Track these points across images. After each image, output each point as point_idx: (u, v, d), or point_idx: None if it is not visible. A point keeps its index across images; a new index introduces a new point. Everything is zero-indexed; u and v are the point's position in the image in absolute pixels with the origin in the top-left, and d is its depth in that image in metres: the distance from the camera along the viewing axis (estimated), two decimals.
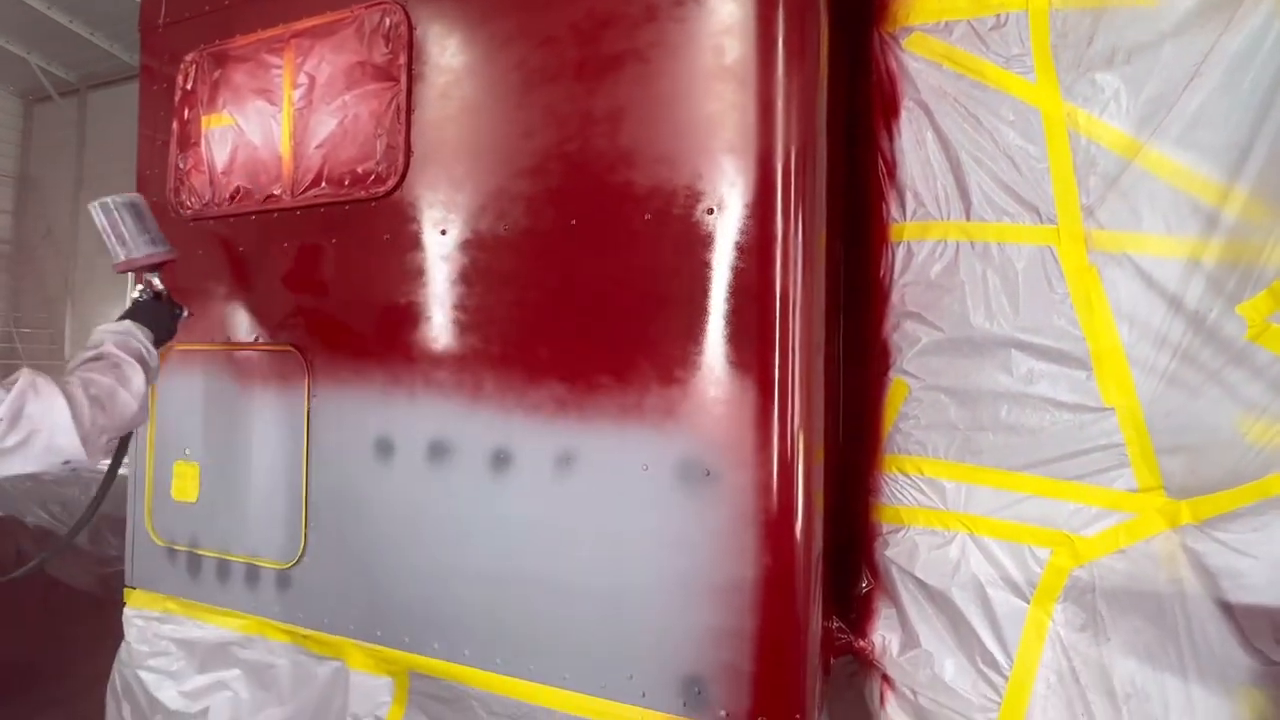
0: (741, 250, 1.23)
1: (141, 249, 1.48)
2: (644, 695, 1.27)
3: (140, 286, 1.51)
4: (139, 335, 1.37)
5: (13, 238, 10.54)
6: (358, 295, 1.60)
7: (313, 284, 1.67)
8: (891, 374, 1.42)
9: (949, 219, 1.36)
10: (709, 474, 1.24)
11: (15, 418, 1.07)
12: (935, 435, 1.35)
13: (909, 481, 1.37)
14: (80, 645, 3.03)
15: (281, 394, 1.69)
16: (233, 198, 1.79)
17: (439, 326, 1.50)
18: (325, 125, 1.66)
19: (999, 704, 1.23)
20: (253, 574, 1.71)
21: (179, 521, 1.82)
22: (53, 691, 2.82)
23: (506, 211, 1.44)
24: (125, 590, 1.92)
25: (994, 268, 1.31)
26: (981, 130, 1.29)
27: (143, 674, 1.82)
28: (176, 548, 1.82)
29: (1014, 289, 1.29)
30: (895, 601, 1.37)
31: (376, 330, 1.57)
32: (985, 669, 1.25)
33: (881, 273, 1.45)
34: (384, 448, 1.55)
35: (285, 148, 1.70)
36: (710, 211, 1.25)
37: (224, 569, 1.75)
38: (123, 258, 1.49)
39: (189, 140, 1.86)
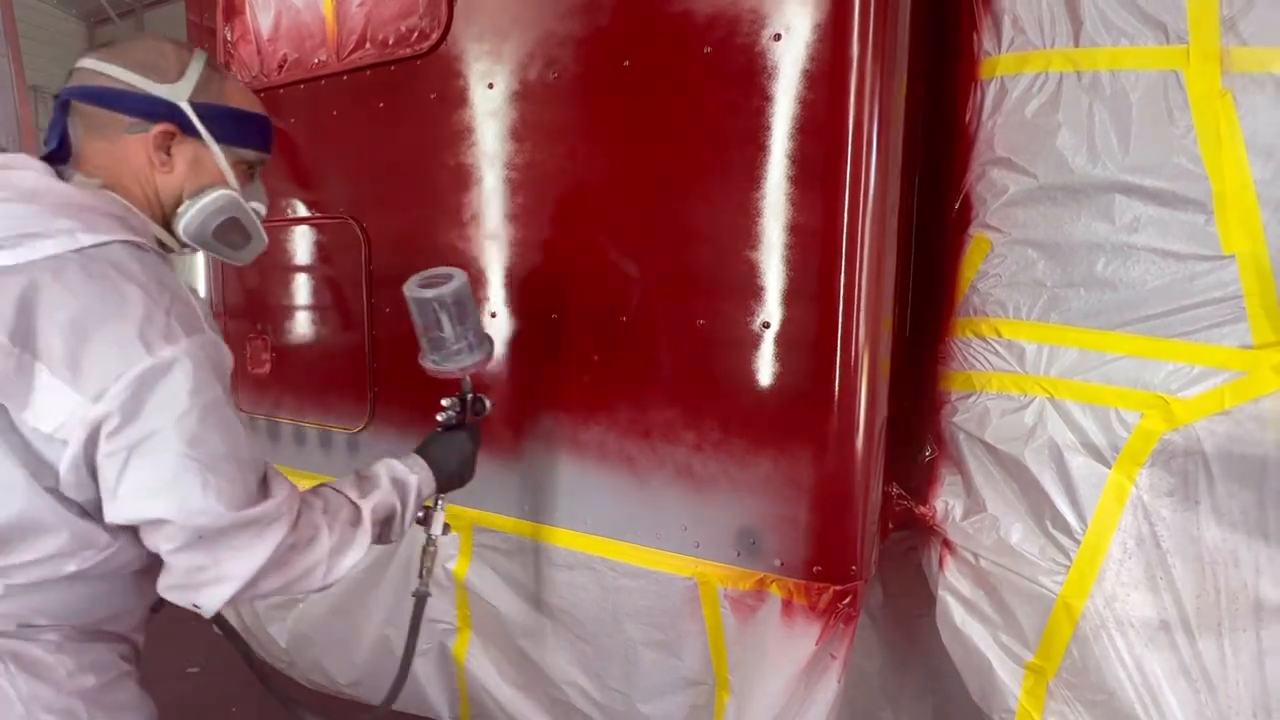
0: (810, 79, 1.11)
1: (461, 358, 1.21)
2: (698, 546, 1.29)
3: (447, 400, 1.24)
4: (413, 488, 1.07)
5: None
6: (409, 160, 1.57)
7: (364, 152, 1.65)
8: (972, 230, 1.30)
9: (1053, 46, 1.19)
10: (768, 326, 1.19)
11: (210, 548, 0.81)
12: (1018, 294, 1.24)
13: (984, 345, 1.28)
14: None
15: (341, 265, 1.71)
16: (280, 67, 1.75)
17: (490, 188, 1.46)
18: None
19: (1067, 567, 1.19)
20: (325, 439, 1.80)
21: (258, 393, 1.93)
22: None
23: (555, 57, 1.35)
24: None
25: (1103, 100, 1.14)
26: None
27: None
28: (256, 416, 1.94)
29: (1125, 124, 1.13)
30: (960, 468, 1.31)
31: (429, 195, 1.55)
32: (1055, 533, 1.19)
33: (967, 117, 1.29)
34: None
35: (328, 7, 1.64)
36: (777, 38, 1.13)
37: (300, 434, 1.85)
38: (433, 365, 1.22)
39: (234, 8, 1.82)
